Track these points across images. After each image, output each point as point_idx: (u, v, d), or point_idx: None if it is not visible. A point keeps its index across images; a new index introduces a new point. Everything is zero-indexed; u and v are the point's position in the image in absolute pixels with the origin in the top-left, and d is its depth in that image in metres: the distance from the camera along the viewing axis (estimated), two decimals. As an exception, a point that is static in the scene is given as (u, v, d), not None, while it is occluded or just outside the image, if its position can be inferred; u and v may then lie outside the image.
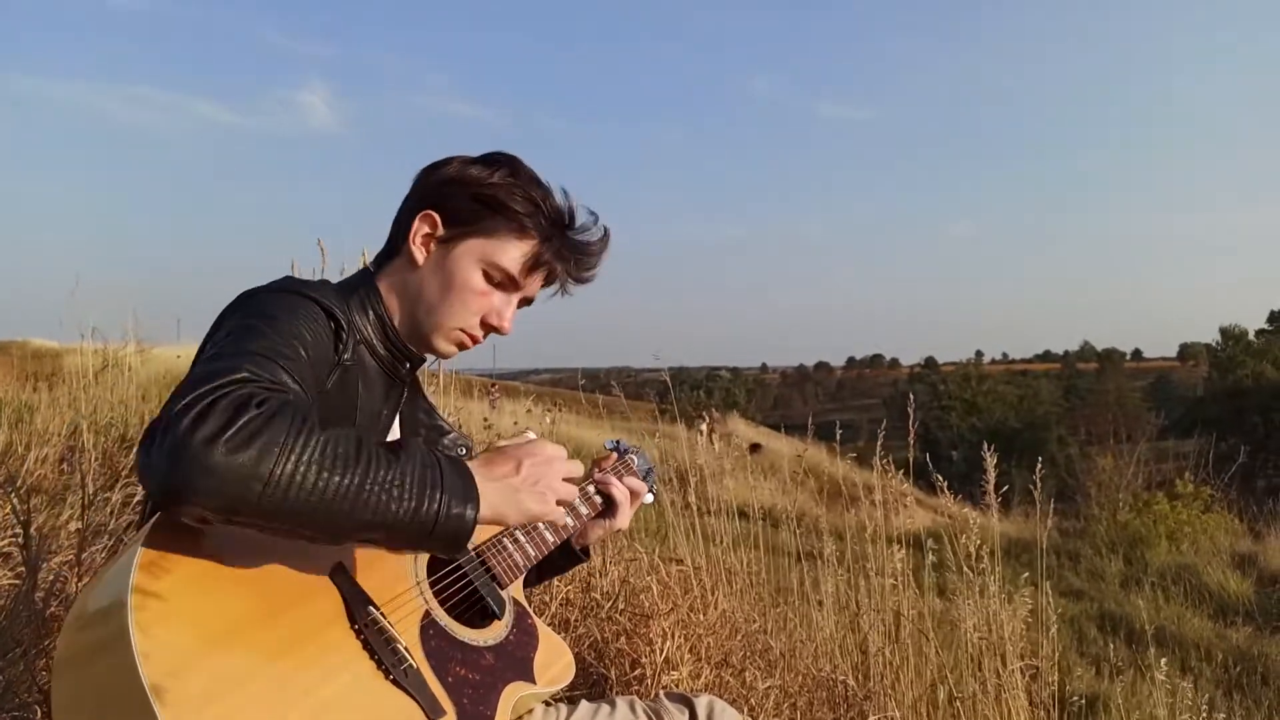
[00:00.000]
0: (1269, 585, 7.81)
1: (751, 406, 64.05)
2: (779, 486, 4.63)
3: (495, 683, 1.12)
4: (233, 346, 0.93)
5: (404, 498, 0.87)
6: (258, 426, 0.81)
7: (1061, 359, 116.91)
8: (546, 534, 1.36)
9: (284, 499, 0.81)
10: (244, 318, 1.00)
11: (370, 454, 0.87)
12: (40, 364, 7.44)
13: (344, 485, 0.84)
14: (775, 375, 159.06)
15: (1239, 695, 5.07)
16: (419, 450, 0.93)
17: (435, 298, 1.20)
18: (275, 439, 0.81)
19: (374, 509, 0.86)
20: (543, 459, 1.06)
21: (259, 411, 0.82)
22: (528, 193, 1.20)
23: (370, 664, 0.97)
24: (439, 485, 0.90)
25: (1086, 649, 5.97)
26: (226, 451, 0.78)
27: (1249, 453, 15.58)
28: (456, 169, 1.22)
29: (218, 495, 0.79)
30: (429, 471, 0.91)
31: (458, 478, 0.93)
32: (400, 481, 0.88)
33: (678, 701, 1.39)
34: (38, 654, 1.86)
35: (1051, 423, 45.35)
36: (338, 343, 1.08)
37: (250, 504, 0.80)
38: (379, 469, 0.87)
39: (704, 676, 2.49)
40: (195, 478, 0.78)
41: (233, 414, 0.80)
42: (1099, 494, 11.87)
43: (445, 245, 1.20)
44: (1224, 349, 43.88)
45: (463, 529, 0.92)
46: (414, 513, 0.88)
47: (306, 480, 0.82)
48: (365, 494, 0.85)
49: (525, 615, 1.28)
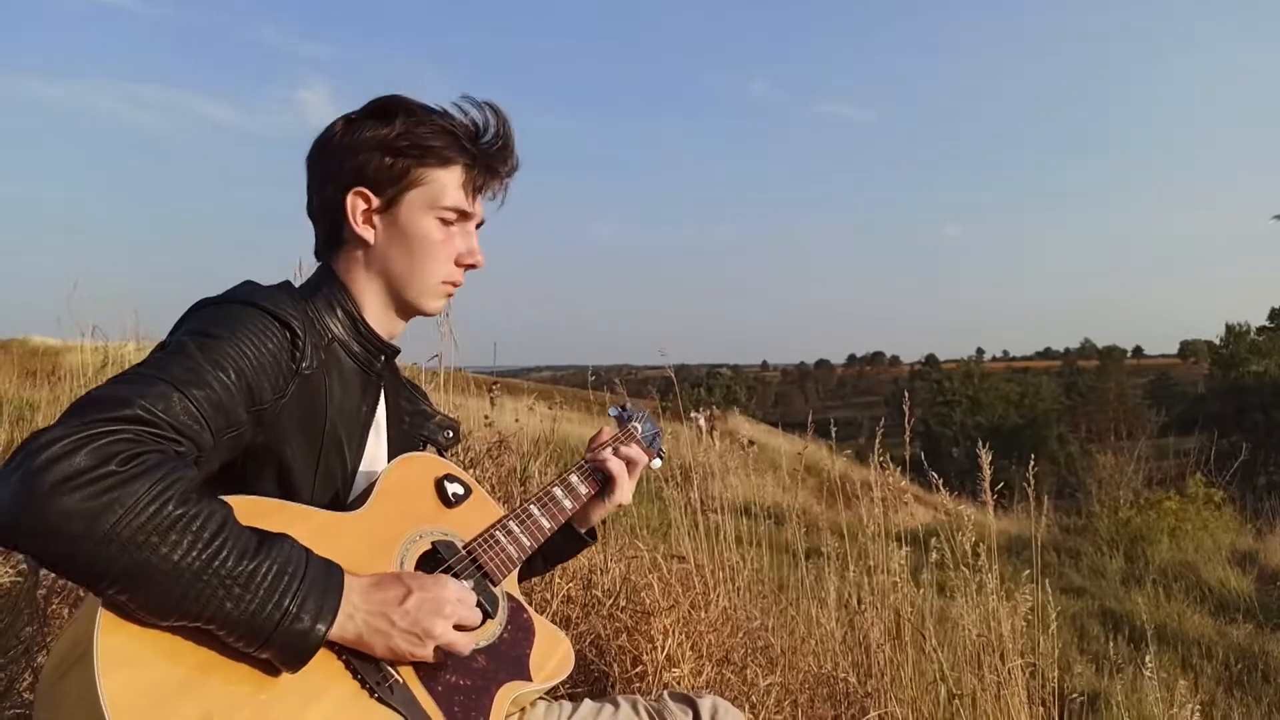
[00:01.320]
0: (1270, 582, 7.80)
1: (752, 404, 64.10)
2: (780, 484, 4.63)
3: (488, 686, 1.09)
4: (150, 369, 0.91)
5: (244, 596, 0.83)
6: (112, 484, 0.78)
7: (1062, 356, 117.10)
8: (543, 521, 1.32)
9: (111, 563, 0.78)
10: (184, 333, 0.98)
11: (227, 541, 0.83)
12: (41, 361, 7.44)
13: (181, 565, 0.80)
14: (776, 373, 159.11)
15: (1240, 693, 5.07)
16: (292, 551, 0.89)
17: (405, 265, 1.18)
18: (125, 499, 0.78)
19: (205, 600, 0.82)
20: (434, 598, 0.99)
21: (122, 469, 0.79)
22: (434, 124, 1.17)
23: (353, 684, 0.95)
24: (292, 593, 0.86)
25: (1088, 646, 5.97)
26: (70, 498, 0.75)
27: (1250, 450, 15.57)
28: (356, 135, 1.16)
29: (45, 542, 0.76)
30: (285, 576, 0.86)
31: (320, 589, 0.89)
32: (248, 579, 0.83)
33: (681, 702, 1.37)
34: (40, 650, 1.86)
35: (1052, 420, 45.45)
36: (294, 351, 1.05)
37: (76, 559, 0.77)
38: (228, 559, 0.83)
39: (705, 674, 2.49)
40: (27, 517, 0.75)
41: (96, 462, 0.78)
42: (1100, 491, 11.87)
43: (388, 213, 1.17)
44: (1226, 345, 43.87)
45: (304, 644, 0.87)
46: (251, 615, 0.83)
47: (141, 550, 0.78)
48: (201, 581, 0.81)
49: (520, 610, 1.24)
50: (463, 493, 1.24)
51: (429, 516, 1.19)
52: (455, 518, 1.22)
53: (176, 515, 0.81)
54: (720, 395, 55.57)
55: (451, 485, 1.23)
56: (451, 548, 1.18)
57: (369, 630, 0.94)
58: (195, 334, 0.97)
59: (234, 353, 0.97)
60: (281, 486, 1.07)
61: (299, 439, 1.08)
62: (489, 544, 1.23)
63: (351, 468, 1.17)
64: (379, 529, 1.10)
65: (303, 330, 1.06)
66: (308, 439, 1.09)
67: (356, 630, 0.93)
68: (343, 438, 1.14)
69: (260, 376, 0.99)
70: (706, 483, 3.43)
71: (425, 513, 1.19)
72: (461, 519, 1.23)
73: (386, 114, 1.17)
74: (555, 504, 1.35)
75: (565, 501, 1.36)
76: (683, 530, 3.18)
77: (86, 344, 4.69)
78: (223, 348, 0.96)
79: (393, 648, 0.96)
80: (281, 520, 0.98)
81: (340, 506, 1.14)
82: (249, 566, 0.84)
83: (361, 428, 1.19)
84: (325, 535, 1.01)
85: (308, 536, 0.96)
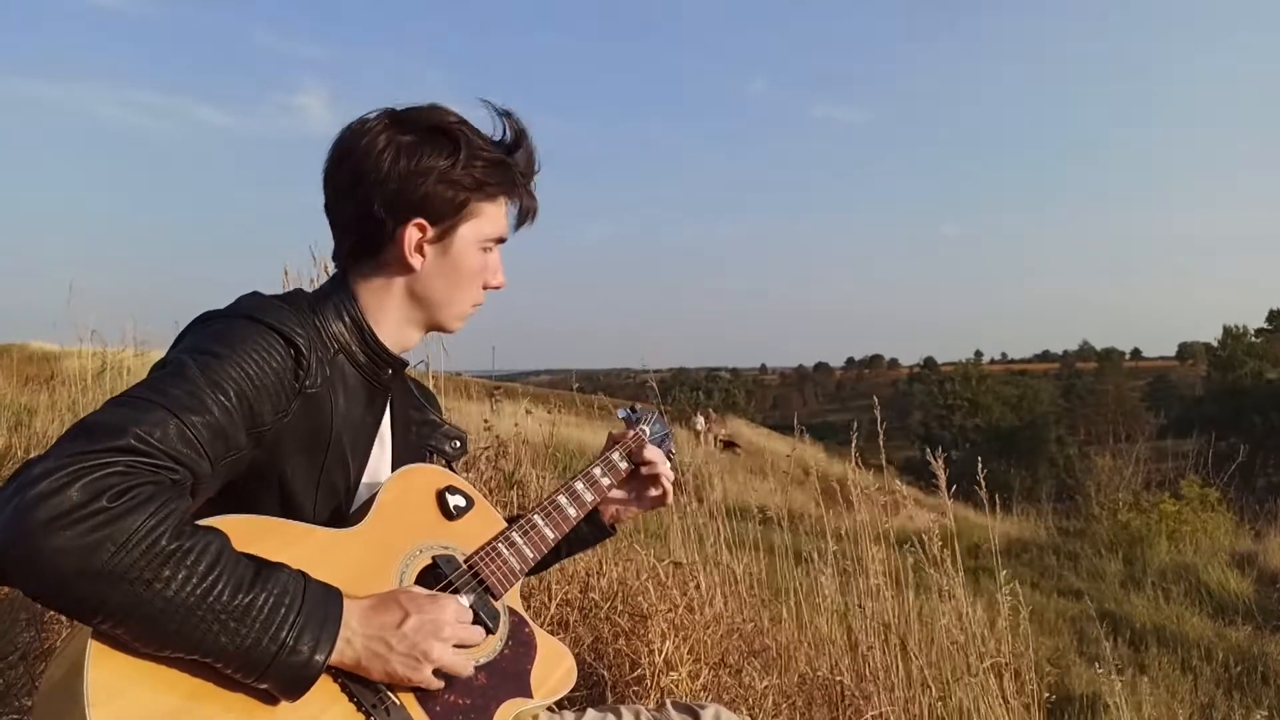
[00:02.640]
0: (1269, 584, 7.81)
1: (751, 407, 64.13)
2: (776, 487, 4.64)
3: (488, 704, 1.07)
4: (149, 392, 0.90)
5: (240, 630, 0.82)
6: (104, 520, 0.77)
7: (1060, 359, 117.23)
8: (546, 531, 1.30)
9: (104, 599, 0.78)
10: (185, 350, 0.97)
11: (222, 575, 0.83)
12: (39, 367, 7.45)
13: (175, 601, 0.80)
14: (775, 376, 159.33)
15: (1239, 694, 5.07)
16: (288, 581, 0.88)
17: (445, 294, 1.19)
18: (117, 536, 0.77)
19: (200, 634, 0.81)
20: (433, 620, 0.98)
21: (114, 505, 0.78)
22: (486, 157, 1.17)
23: (349, 707, 0.93)
24: (289, 624, 0.85)
25: (1087, 648, 5.97)
26: (62, 535, 0.75)
27: (1248, 452, 15.56)
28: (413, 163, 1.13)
29: (36, 577, 0.76)
30: (282, 608, 0.86)
31: (318, 617, 0.89)
32: (244, 613, 0.83)
33: (683, 711, 1.35)
34: (37, 657, 1.86)
35: (1051, 422, 45.41)
36: (298, 369, 1.03)
37: (67, 594, 0.77)
38: (224, 593, 0.82)
39: (702, 677, 2.49)
40: (16, 551, 0.75)
41: (89, 497, 0.77)
42: (1098, 494, 11.88)
43: (439, 244, 1.17)
44: (1224, 348, 43.93)
45: (303, 674, 0.87)
46: (248, 648, 0.83)
47: (134, 585, 0.78)
48: (196, 616, 0.81)
49: (522, 625, 1.21)
50: (464, 504, 1.22)
51: (430, 530, 1.17)
52: (457, 530, 1.20)
53: (170, 550, 0.80)
54: (719, 398, 55.65)
55: (453, 497, 1.21)
56: (452, 562, 1.15)
57: (367, 655, 0.93)
58: (196, 352, 0.95)
59: (236, 374, 0.95)
60: (282, 501, 1.06)
61: (301, 455, 1.07)
62: (490, 557, 1.20)
63: (354, 479, 1.16)
64: (379, 545, 1.09)
65: (308, 347, 1.04)
66: (310, 455, 1.08)
67: (355, 655, 0.93)
68: (346, 450, 1.13)
69: (262, 397, 0.98)
70: (702, 486, 3.44)
71: (426, 526, 1.17)
72: (463, 531, 1.21)
73: (445, 141, 1.15)
74: (560, 513, 1.33)
75: (570, 509, 1.34)
76: (679, 534, 3.19)
77: (85, 349, 4.70)
78: (224, 368, 0.94)
79: (390, 672, 0.95)
80: (279, 539, 0.97)
81: (341, 519, 1.12)
82: (244, 600, 0.83)
83: (366, 439, 1.18)
84: (324, 553, 1.00)
85: (306, 555, 0.95)
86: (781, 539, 3.50)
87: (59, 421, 4.21)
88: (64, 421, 4.17)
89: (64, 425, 4.11)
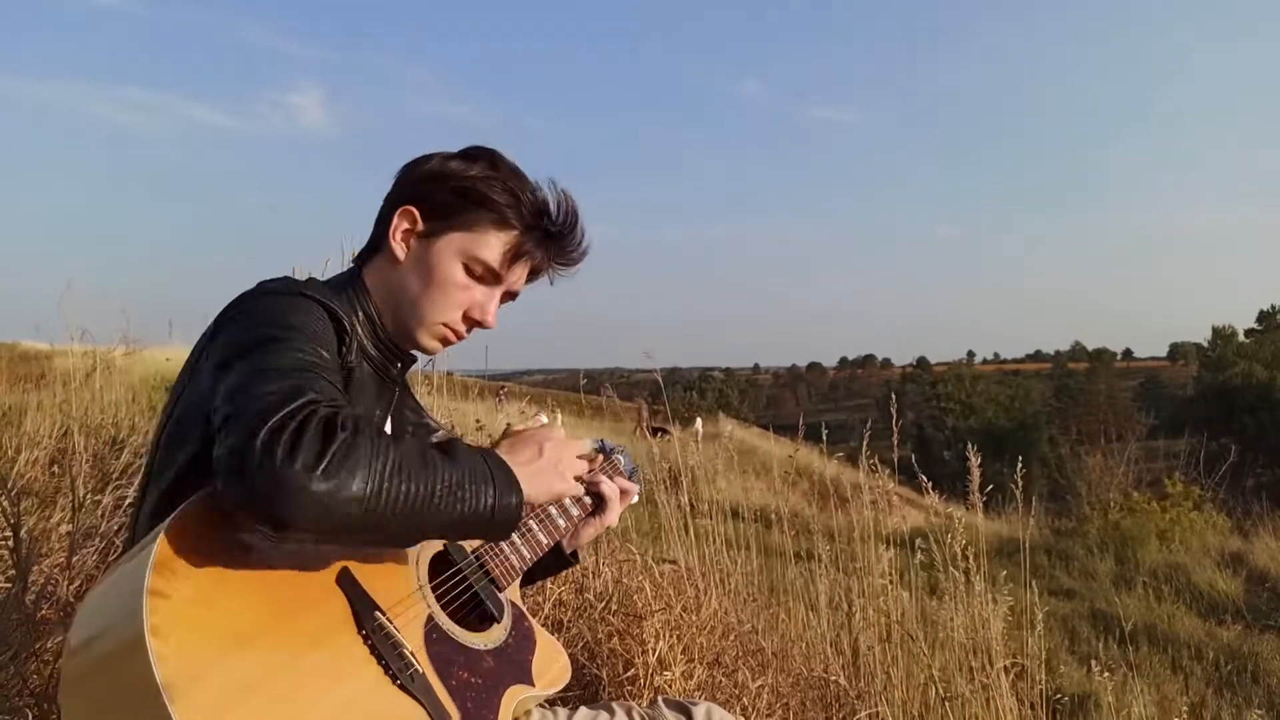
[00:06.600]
0: (1258, 584, 7.86)
1: (744, 407, 64.21)
2: (771, 487, 4.64)
3: (497, 686, 1.12)
4: (274, 360, 0.93)
5: (466, 498, 0.93)
6: (346, 451, 0.83)
7: (1052, 359, 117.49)
8: (540, 535, 1.35)
9: (376, 516, 0.85)
10: (263, 327, 0.99)
11: (434, 459, 0.92)
12: (29, 366, 7.40)
13: (422, 494, 0.89)
14: (768, 376, 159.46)
15: (1229, 693, 5.10)
16: (464, 448, 0.98)
17: (416, 293, 1.19)
18: (362, 461, 0.84)
19: (447, 512, 0.91)
20: (558, 441, 1.13)
21: (344, 436, 0.84)
22: (507, 185, 1.19)
23: (378, 669, 0.97)
24: (490, 480, 0.96)
25: (1078, 648, 6.00)
26: (326, 480, 0.81)
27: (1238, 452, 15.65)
28: (437, 164, 1.20)
29: (323, 521, 0.82)
30: (479, 468, 0.96)
31: (500, 470, 0.99)
32: (462, 482, 0.93)
33: (675, 709, 1.37)
34: (29, 657, 1.85)
35: (1042, 422, 45.60)
36: (341, 345, 1.08)
37: (351, 524, 0.84)
38: (444, 473, 0.92)
39: (696, 677, 2.49)
40: (299, 509, 0.80)
41: (323, 442, 0.82)
42: (1089, 494, 11.92)
43: (425, 240, 1.19)
44: (1214, 349, 44.15)
45: (514, 517, 0.99)
46: (475, 510, 0.94)
47: (393, 496, 0.86)
48: (438, 499, 0.90)
49: (523, 618, 1.28)
50: None
51: None
52: None
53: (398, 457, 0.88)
54: (713, 399, 55.68)
55: None
56: (461, 550, 1.23)
57: (532, 487, 1.04)
58: (275, 325, 0.99)
59: (319, 337, 1.02)
60: None
61: None
62: (495, 551, 1.27)
63: None
64: None
65: (350, 326, 1.10)
66: None
67: (525, 490, 1.02)
68: None
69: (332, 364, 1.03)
70: (696, 486, 3.44)
71: None
72: None
73: (473, 158, 1.21)
74: (551, 521, 1.38)
75: (560, 520, 1.39)
76: (674, 534, 3.19)
77: (76, 348, 4.67)
78: (311, 330, 1.01)
79: (550, 489, 1.10)
80: None
81: None
82: (457, 475, 0.93)
83: None
84: None
85: None
86: (778, 538, 3.51)
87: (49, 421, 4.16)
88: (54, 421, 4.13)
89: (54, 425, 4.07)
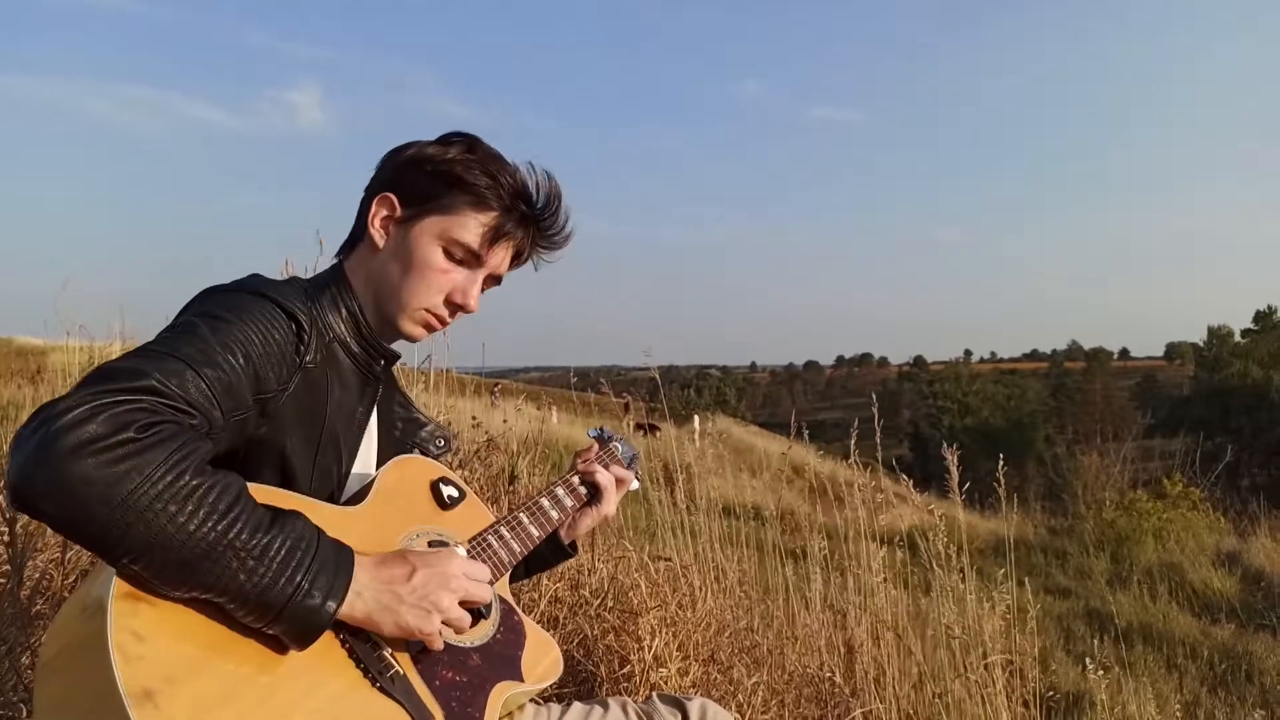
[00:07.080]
0: (1253, 583, 7.88)
1: (741, 405, 64.21)
2: (766, 485, 4.65)
3: (483, 684, 1.11)
4: (163, 346, 0.91)
5: (258, 569, 0.83)
6: (131, 450, 0.78)
7: (1049, 358, 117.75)
8: (532, 529, 1.33)
9: (127, 530, 0.78)
10: (193, 314, 0.98)
11: (242, 514, 0.84)
12: (25, 361, 7.39)
13: (196, 536, 0.80)
14: (765, 374, 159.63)
15: (1224, 692, 5.12)
16: (304, 529, 0.90)
17: (397, 279, 1.17)
18: (143, 466, 0.78)
19: (219, 571, 0.82)
20: (440, 572, 1.00)
21: (140, 436, 0.80)
22: (485, 166, 1.17)
23: (356, 673, 0.96)
24: (304, 569, 0.87)
25: (1073, 647, 6.01)
26: (87, 463, 0.76)
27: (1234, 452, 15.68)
28: (415, 150, 1.19)
29: (61, 504, 0.77)
30: (298, 552, 0.87)
31: (330, 567, 0.90)
32: (262, 552, 0.84)
33: (670, 704, 1.37)
34: (23, 651, 1.85)
35: (1039, 422, 45.72)
36: (299, 344, 1.05)
37: (91, 524, 0.77)
38: (243, 531, 0.83)
39: (692, 674, 2.49)
40: (43, 479, 0.76)
41: (114, 429, 0.78)
42: (1085, 493, 11.94)
43: (404, 225, 1.18)
44: (1210, 349, 44.24)
45: (314, 621, 0.88)
46: (264, 589, 0.84)
47: (158, 518, 0.78)
48: (216, 552, 0.81)
49: (512, 613, 1.25)
50: (458, 495, 1.26)
51: (425, 516, 1.20)
52: (450, 520, 1.23)
53: (193, 485, 0.81)
54: (709, 397, 55.69)
55: (446, 488, 1.24)
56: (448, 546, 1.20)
57: (377, 607, 0.94)
58: (205, 316, 0.97)
59: (242, 338, 0.97)
60: (282, 480, 1.08)
61: (299, 433, 1.08)
62: (483, 546, 1.24)
63: (346, 467, 1.17)
64: (378, 525, 1.12)
65: (308, 325, 1.07)
66: (307, 433, 1.09)
67: (365, 609, 0.93)
68: (340, 436, 1.15)
69: (266, 365, 0.99)
70: (692, 483, 3.44)
71: (422, 513, 1.20)
72: (456, 521, 1.24)
73: (450, 142, 1.20)
74: (543, 513, 1.37)
75: (552, 512, 1.38)
76: (669, 531, 3.19)
77: (72, 344, 4.66)
78: (232, 331, 0.96)
79: (402, 624, 0.96)
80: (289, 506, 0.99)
81: None
82: (263, 540, 0.84)
83: (356, 429, 1.19)
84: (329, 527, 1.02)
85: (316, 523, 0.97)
86: (772, 535, 3.51)
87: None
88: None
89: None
